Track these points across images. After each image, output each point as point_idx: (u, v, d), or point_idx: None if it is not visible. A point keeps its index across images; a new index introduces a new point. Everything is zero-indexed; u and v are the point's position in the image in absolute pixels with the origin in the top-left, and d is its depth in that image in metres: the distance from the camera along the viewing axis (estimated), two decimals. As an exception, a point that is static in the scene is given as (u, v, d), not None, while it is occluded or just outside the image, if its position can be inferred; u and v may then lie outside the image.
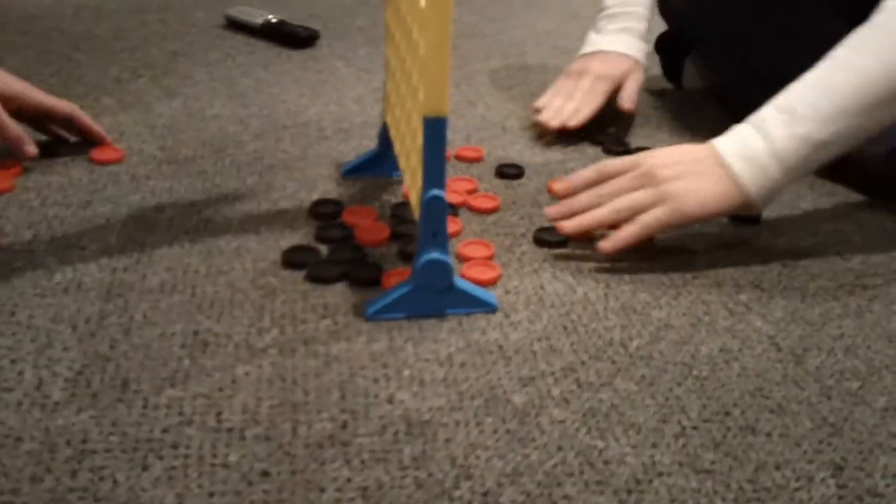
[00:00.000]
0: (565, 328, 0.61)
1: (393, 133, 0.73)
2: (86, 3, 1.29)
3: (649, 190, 0.68)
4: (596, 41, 0.95)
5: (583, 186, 0.72)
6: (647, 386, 0.56)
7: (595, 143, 0.91)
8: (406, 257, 0.68)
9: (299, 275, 0.66)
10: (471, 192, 0.80)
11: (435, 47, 0.54)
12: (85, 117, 0.83)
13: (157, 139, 0.87)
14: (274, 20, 1.18)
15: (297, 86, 1.02)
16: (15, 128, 0.77)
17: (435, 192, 0.59)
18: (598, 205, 0.70)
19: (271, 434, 0.51)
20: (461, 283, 0.62)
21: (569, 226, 0.70)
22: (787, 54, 0.88)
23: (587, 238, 0.71)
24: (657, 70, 1.07)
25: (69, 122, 0.82)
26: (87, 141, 0.83)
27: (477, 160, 0.86)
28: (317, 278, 0.66)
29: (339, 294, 0.64)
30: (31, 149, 0.78)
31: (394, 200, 0.77)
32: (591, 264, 0.69)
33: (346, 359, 0.57)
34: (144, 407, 0.52)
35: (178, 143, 0.86)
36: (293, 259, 0.68)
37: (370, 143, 0.88)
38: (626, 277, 0.68)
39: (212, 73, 1.05)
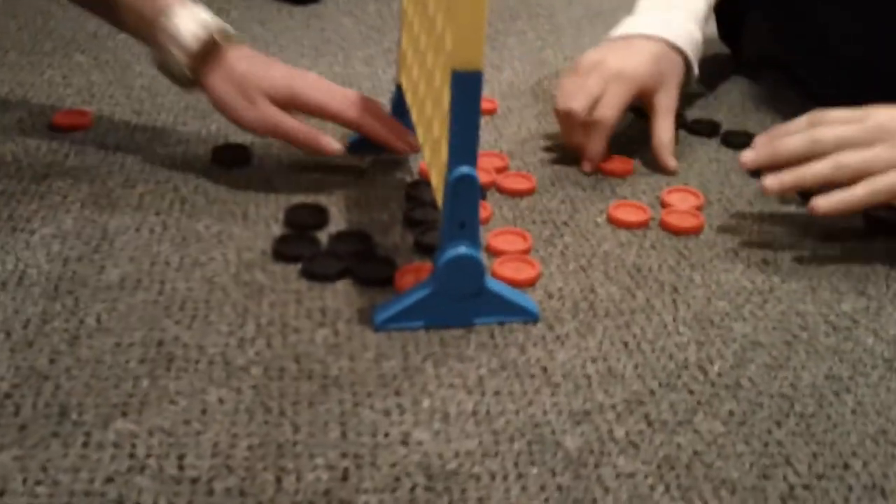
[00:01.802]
0: (625, 345, 0.49)
1: (409, 98, 0.61)
2: (66, -49, 1.16)
3: (885, 149, 0.54)
4: (627, 23, 0.70)
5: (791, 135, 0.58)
6: (738, 426, 0.44)
7: (644, 114, 0.79)
8: (423, 249, 0.56)
9: (293, 269, 0.54)
10: (500, 169, 0.67)
11: (469, -20, 0.42)
12: (374, 125, 0.63)
13: (132, 102, 0.75)
14: (274, -28, 1.05)
15: (298, 45, 0.90)
16: (298, 126, 0.61)
17: (464, 169, 0.46)
18: (812, 154, 0.56)
19: (248, 488, 0.39)
20: (493, 284, 0.50)
21: (774, 183, 0.56)
22: (854, 15, 0.75)
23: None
24: (712, 31, 0.93)
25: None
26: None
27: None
28: (314, 275, 0.53)
29: (340, 295, 0.52)
30: (334, 145, 0.62)
31: (408, 179, 0.65)
32: (652, 261, 0.57)
33: (349, 382, 0.45)
34: (85, 445, 0.40)
35: (157, 108, 0.74)
36: (285, 250, 0.55)
37: (381, 111, 0.76)
38: (697, 279, 0.55)
39: (201, 30, 0.92)
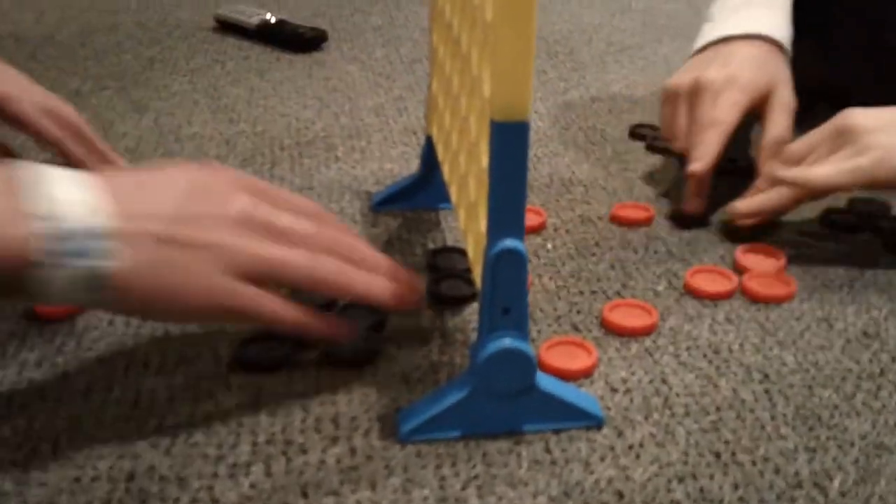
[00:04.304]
0: (717, 456, 0.39)
1: (440, 151, 0.52)
2: (52, 3, 1.09)
3: (849, 148, 0.52)
4: (712, 29, 0.62)
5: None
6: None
7: (658, 149, 0.70)
8: (440, 300, 0.48)
9: (296, 367, 0.44)
10: (536, 228, 0.58)
11: (511, 6, 0.33)
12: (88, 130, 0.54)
13: (114, 166, 0.67)
14: (272, 20, 0.98)
15: (300, 96, 0.82)
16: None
17: (508, 243, 0.37)
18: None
19: None
20: (546, 381, 0.40)
21: (744, 206, 0.55)
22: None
23: None
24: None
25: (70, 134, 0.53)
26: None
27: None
28: (336, 360, 0.44)
29: (356, 398, 0.42)
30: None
31: (432, 246, 0.56)
32: (730, 339, 0.47)
33: (371, 522, 0.36)
34: None
35: (142, 171, 0.66)
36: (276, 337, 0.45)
37: (394, 166, 0.67)
38: (789, 361, 0.46)
39: (194, 83, 0.84)
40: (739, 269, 0.53)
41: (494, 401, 0.39)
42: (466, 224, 0.43)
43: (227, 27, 1.01)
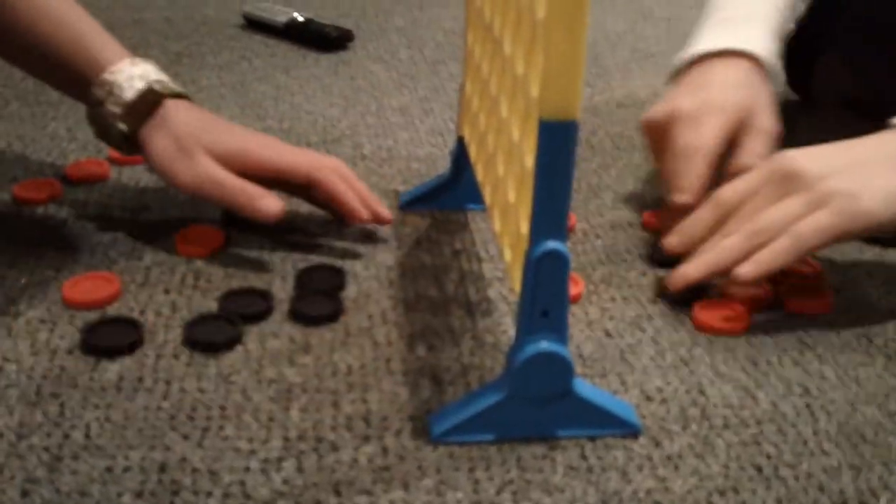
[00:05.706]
0: (759, 470, 0.38)
1: (473, 152, 0.51)
2: (79, -1, 1.10)
3: (801, 195, 0.47)
4: (693, 44, 0.58)
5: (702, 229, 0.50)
6: None
7: None
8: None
9: (327, 362, 0.44)
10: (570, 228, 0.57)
11: (563, 2, 0.33)
12: (334, 187, 0.54)
13: (142, 158, 0.67)
14: (300, 18, 0.98)
15: (326, 94, 0.82)
16: (237, 182, 0.51)
17: (551, 244, 0.36)
18: (721, 221, 0.48)
19: None
20: (582, 387, 0.40)
21: (693, 271, 0.48)
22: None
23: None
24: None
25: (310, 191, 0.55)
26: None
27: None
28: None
29: (387, 397, 0.42)
30: (272, 203, 0.51)
31: (458, 246, 0.55)
32: (768, 351, 0.46)
33: (405, 524, 0.35)
34: None
35: (170, 164, 0.66)
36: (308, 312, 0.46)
37: (421, 166, 0.67)
38: (830, 376, 0.45)
39: (222, 78, 0.84)
40: (772, 280, 0.52)
41: (530, 405, 0.39)
42: (502, 226, 0.43)
43: (254, 24, 1.01)
